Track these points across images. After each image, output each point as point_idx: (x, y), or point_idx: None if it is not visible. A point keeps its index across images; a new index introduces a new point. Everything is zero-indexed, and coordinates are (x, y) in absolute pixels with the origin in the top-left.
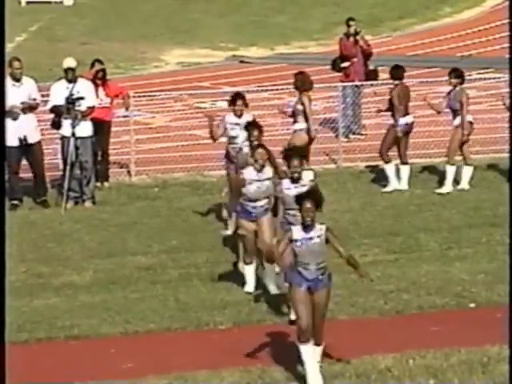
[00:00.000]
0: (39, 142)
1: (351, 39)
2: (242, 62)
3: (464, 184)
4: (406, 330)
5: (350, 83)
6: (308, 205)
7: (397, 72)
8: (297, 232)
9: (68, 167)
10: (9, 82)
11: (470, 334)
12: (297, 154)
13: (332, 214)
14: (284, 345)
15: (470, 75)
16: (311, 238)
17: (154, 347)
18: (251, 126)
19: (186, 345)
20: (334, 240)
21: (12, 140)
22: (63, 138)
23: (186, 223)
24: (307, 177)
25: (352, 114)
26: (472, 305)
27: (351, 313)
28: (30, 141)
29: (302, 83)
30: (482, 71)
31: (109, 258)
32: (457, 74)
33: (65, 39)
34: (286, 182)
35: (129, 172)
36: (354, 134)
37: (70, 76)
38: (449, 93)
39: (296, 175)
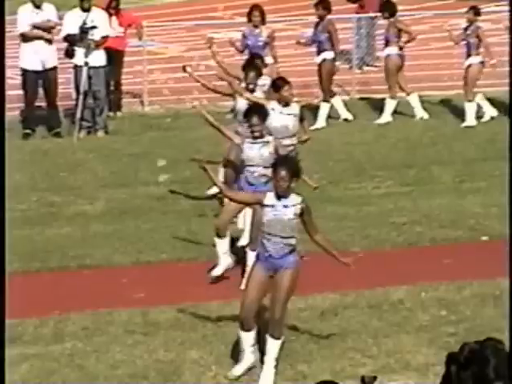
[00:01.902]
0: (55, 68)
1: None
2: None
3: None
4: (418, 262)
5: (365, 14)
6: (282, 173)
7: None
8: (270, 199)
9: (81, 97)
10: (28, 8)
11: (483, 266)
12: (257, 111)
13: (345, 147)
14: None
15: (488, 7)
16: (285, 207)
17: (166, 277)
18: (248, 67)
19: (197, 275)
20: (308, 218)
21: (30, 63)
22: (76, 67)
23: (199, 154)
24: None
25: (366, 45)
26: (485, 238)
27: (364, 245)
28: (48, 65)
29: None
30: (499, 3)
31: (121, 187)
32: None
33: None
34: (247, 140)
35: (141, 102)
36: (367, 65)
37: (86, 5)
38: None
39: (257, 134)
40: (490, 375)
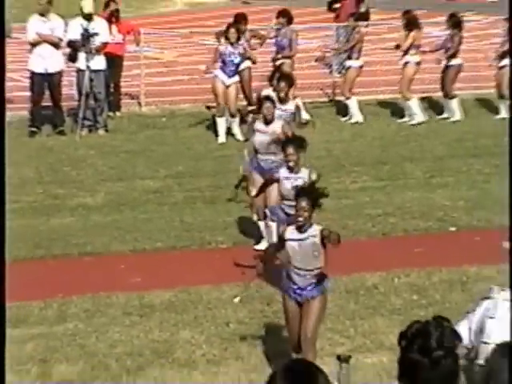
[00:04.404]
0: (60, 72)
1: None
2: (244, 2)
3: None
4: (391, 250)
5: (341, 24)
6: (302, 203)
7: None
8: (289, 232)
9: (83, 98)
10: (36, 17)
11: (451, 255)
12: (293, 142)
13: (325, 144)
14: None
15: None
16: (303, 240)
17: (161, 264)
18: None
19: (190, 262)
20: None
21: (37, 67)
22: (79, 70)
23: (191, 150)
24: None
25: (345, 51)
26: (453, 228)
27: (342, 235)
28: (52, 70)
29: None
30: (467, 14)
31: (119, 181)
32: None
33: None
34: (283, 171)
35: (139, 103)
36: (346, 70)
37: (89, 18)
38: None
39: (292, 164)
40: (432, 345)
